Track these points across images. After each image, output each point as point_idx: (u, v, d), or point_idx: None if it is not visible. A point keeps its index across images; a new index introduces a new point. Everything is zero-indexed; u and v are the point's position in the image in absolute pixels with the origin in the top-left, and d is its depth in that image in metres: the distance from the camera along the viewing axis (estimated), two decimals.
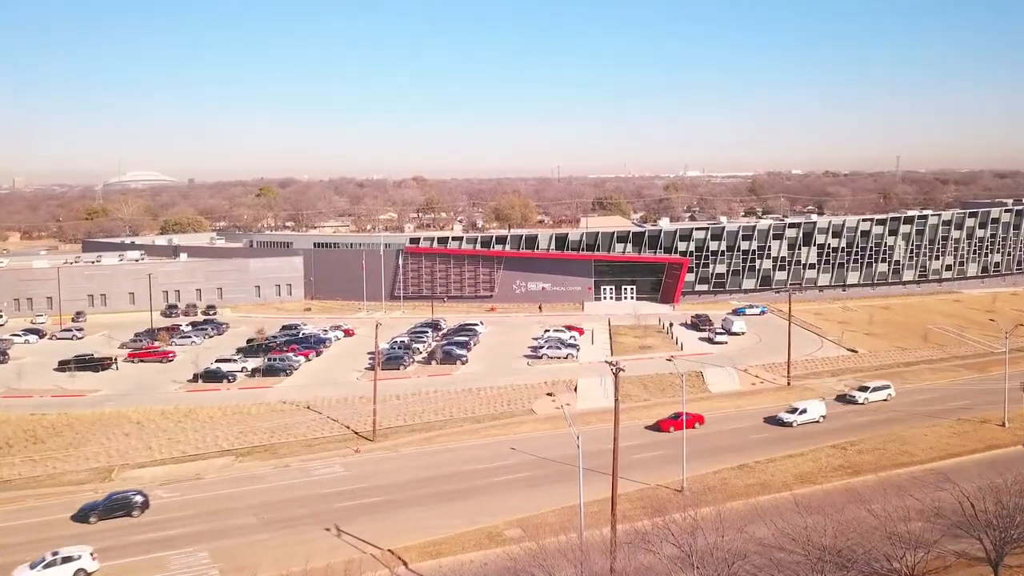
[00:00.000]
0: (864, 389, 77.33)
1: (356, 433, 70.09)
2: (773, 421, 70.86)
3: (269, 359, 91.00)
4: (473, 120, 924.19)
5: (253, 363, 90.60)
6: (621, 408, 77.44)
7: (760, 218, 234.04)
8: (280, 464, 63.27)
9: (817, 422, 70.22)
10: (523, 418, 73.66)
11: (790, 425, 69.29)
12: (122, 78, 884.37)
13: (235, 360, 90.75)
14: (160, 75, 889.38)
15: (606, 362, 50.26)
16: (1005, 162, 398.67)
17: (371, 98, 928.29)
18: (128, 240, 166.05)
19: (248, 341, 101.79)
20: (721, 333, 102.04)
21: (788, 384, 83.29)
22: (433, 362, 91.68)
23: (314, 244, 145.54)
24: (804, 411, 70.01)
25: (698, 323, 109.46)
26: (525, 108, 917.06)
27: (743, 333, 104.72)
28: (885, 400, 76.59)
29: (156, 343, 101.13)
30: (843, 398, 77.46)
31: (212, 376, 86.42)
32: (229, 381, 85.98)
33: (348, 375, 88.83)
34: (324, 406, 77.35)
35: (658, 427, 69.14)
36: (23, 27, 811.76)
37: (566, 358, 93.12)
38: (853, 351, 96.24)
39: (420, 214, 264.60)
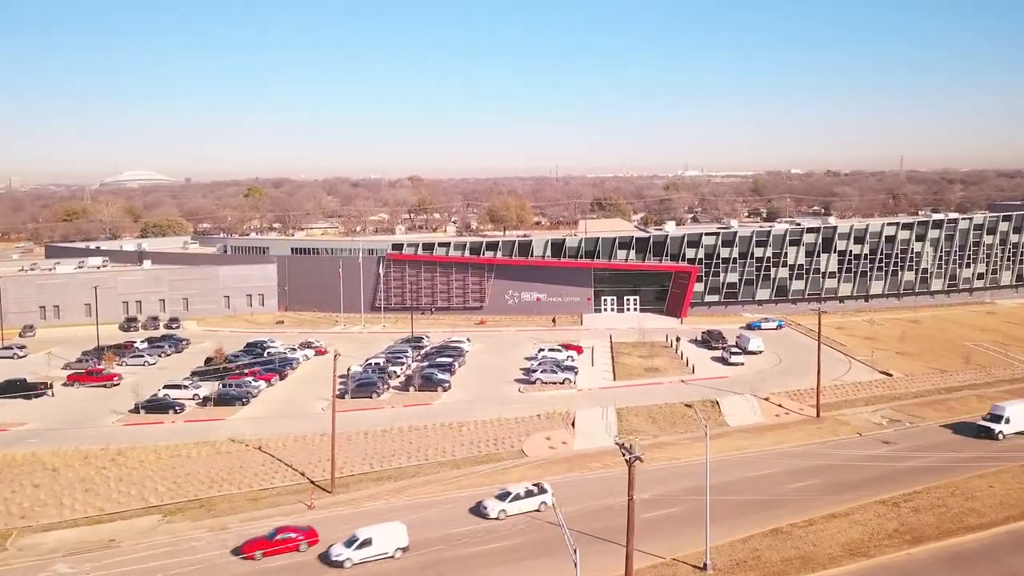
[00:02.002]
0: (503, 496, 51.65)
1: (312, 482, 59.02)
2: (326, 559, 46.08)
3: (224, 385, 79.89)
4: (473, 120, 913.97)
5: (206, 389, 79.49)
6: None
7: (764, 219, 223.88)
8: (216, 525, 52.23)
9: (392, 557, 45.86)
10: (512, 462, 62.64)
11: (340, 565, 45.25)
12: (123, 78, 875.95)
13: (185, 386, 79.64)
14: (162, 75, 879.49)
15: (617, 443, 39.13)
16: (1007, 161, 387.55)
17: (370, 98, 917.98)
18: (94, 245, 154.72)
19: (206, 361, 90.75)
20: (737, 352, 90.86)
21: (818, 415, 72.36)
22: (411, 388, 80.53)
23: (292, 250, 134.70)
24: (368, 542, 45.45)
25: (710, 340, 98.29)
26: (524, 108, 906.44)
27: (761, 352, 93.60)
28: (538, 511, 51.13)
29: (101, 364, 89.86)
30: (476, 509, 52.31)
31: (156, 406, 75.24)
32: (176, 412, 74.79)
33: (313, 405, 77.68)
34: (279, 446, 66.20)
35: (241, 552, 46.73)
36: (23, 26, 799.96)
37: (562, 383, 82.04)
38: (887, 374, 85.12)
39: (412, 215, 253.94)
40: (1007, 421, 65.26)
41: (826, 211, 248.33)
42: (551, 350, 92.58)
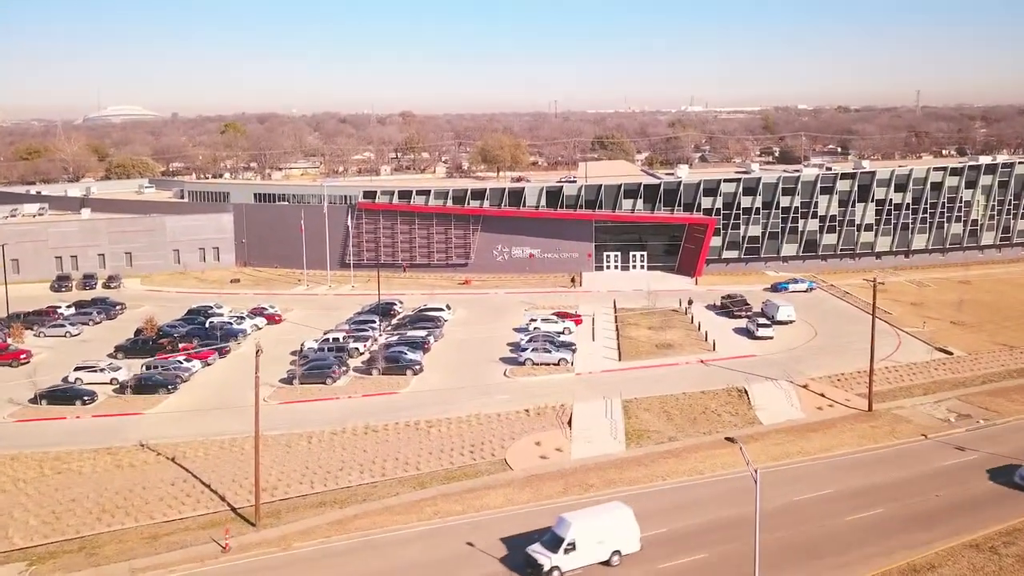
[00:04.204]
0: None
1: (234, 510, 45.84)
2: None
3: (147, 367, 66.12)
4: (468, 53, 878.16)
5: (127, 372, 65.77)
6: (633, 456, 53.50)
7: (776, 159, 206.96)
8: None
9: None
10: (493, 478, 49.35)
11: None
12: (113, 10, 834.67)
13: (102, 368, 65.84)
14: (152, 5, 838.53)
15: None
16: (1018, 97, 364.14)
17: (363, 31, 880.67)
18: (35, 190, 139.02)
19: (136, 334, 76.84)
20: (764, 324, 76.81)
21: (869, 409, 58.91)
22: (374, 371, 66.74)
23: (254, 196, 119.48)
24: None
25: (731, 307, 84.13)
26: (521, 38, 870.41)
27: (792, 321, 79.71)
28: None
29: (8, 339, 75.90)
30: None
31: (60, 396, 61.54)
32: (84, 403, 61.17)
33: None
34: (200, 455, 52.72)
35: None
36: None
37: (557, 364, 68.25)
38: (947, 352, 71.34)
39: (399, 155, 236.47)
40: (570, 548, 37.24)
41: (844, 150, 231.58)
42: (544, 320, 78.65)
